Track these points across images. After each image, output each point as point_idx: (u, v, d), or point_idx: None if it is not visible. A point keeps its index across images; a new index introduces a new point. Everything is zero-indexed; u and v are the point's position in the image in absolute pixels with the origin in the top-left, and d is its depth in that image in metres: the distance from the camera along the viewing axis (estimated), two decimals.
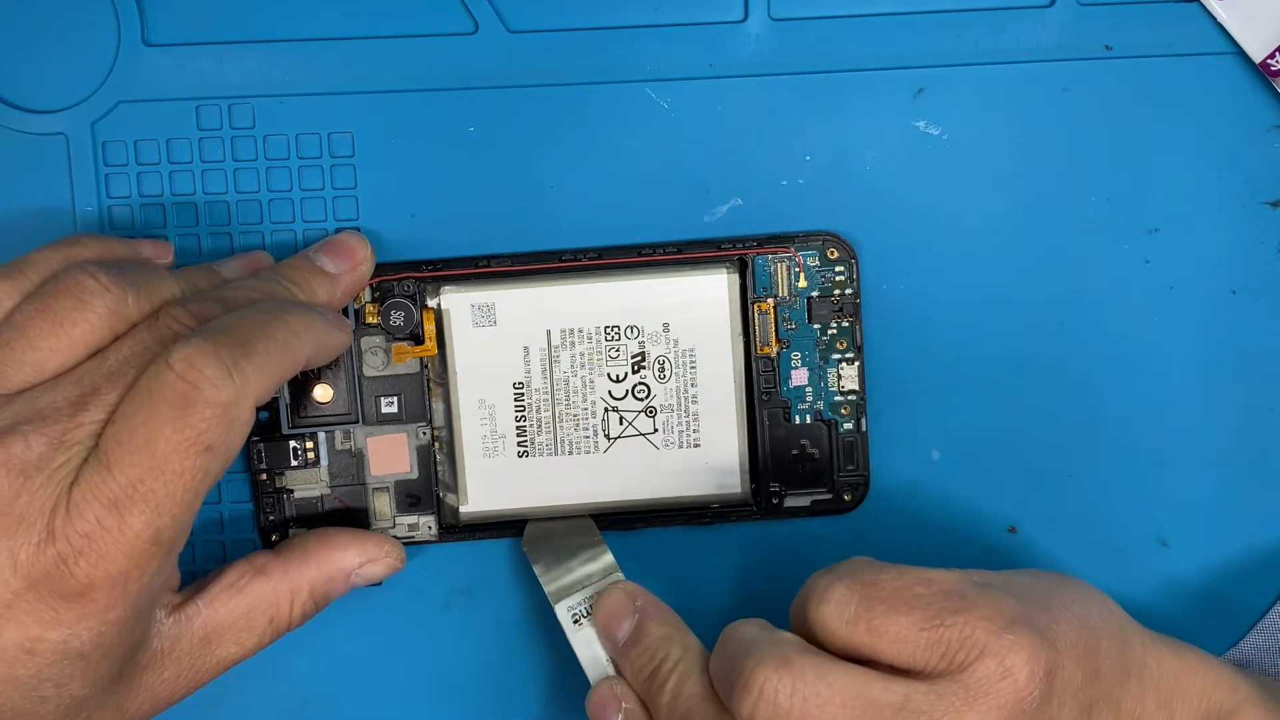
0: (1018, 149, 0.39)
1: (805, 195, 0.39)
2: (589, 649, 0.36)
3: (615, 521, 0.39)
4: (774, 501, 0.39)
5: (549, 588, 0.37)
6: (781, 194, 0.39)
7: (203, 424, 0.30)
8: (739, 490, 0.39)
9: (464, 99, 0.39)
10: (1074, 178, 0.39)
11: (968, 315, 0.39)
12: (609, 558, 0.37)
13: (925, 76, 0.39)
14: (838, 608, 0.32)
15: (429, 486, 0.39)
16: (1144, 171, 0.39)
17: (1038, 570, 0.35)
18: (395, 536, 0.38)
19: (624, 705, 0.35)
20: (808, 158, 0.39)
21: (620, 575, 0.37)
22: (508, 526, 0.39)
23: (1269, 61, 0.39)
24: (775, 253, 0.38)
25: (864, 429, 0.39)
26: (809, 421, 0.39)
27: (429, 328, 0.38)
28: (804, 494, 0.39)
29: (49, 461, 0.30)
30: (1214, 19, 0.39)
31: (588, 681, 0.36)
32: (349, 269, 0.37)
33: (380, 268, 0.38)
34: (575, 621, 0.36)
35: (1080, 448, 0.40)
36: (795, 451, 0.39)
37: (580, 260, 0.38)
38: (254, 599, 0.34)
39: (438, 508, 0.39)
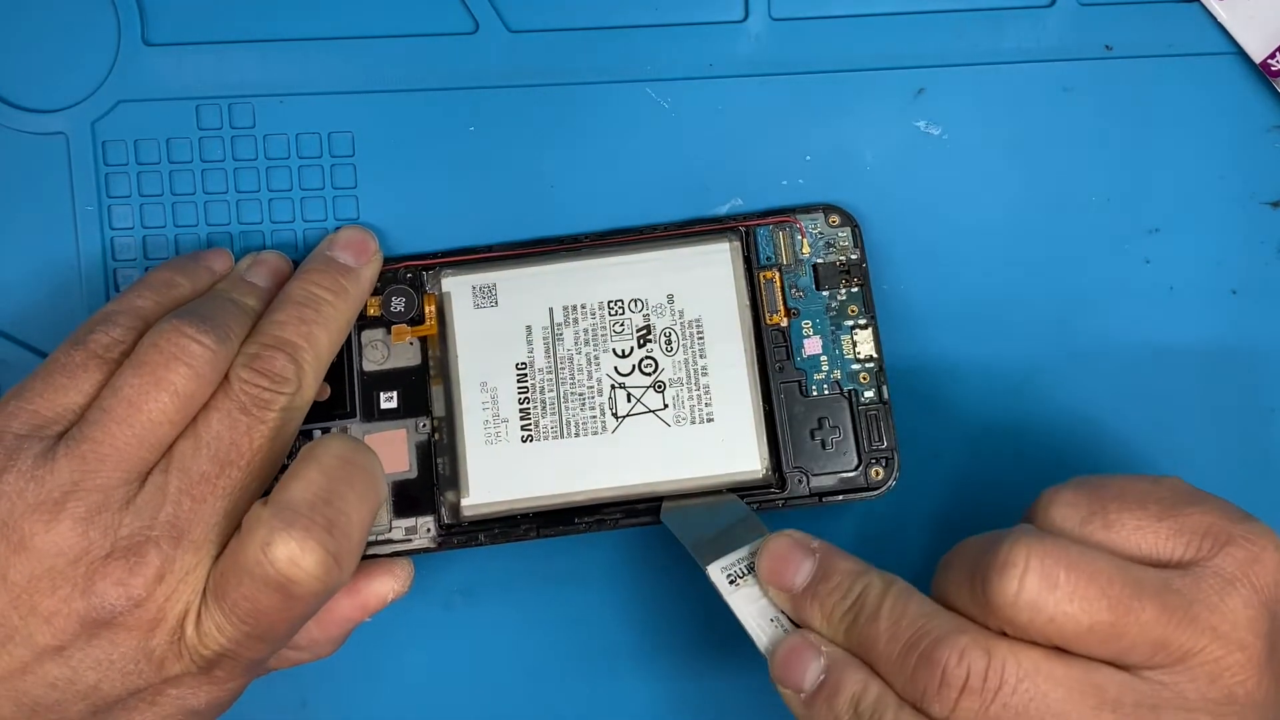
0: (1018, 149, 0.39)
1: (805, 195, 0.39)
2: (754, 605, 0.33)
3: (629, 514, 0.37)
4: (798, 482, 0.37)
5: (695, 548, 0.34)
6: (781, 194, 0.39)
7: (309, 607, 0.32)
8: (757, 467, 0.37)
9: (464, 99, 0.39)
10: (1074, 178, 0.39)
11: (968, 314, 0.39)
12: (754, 516, 0.35)
13: (925, 76, 0.39)
14: (1069, 508, 0.31)
15: (428, 487, 0.37)
16: (1144, 171, 0.39)
17: None
18: (390, 540, 0.37)
19: (823, 649, 0.32)
20: (808, 158, 0.39)
21: (769, 531, 0.34)
22: (508, 530, 0.37)
23: (1269, 61, 0.39)
24: (777, 222, 0.38)
25: (886, 398, 0.37)
26: (826, 393, 0.37)
27: (429, 309, 0.38)
28: (829, 474, 0.37)
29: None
30: (1214, 19, 0.39)
31: (753, 647, 0.33)
32: (365, 262, 0.37)
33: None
34: (731, 582, 0.33)
35: (1080, 448, 0.40)
36: (815, 427, 0.37)
37: (581, 243, 0.38)
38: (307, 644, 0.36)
39: (437, 510, 0.37)
